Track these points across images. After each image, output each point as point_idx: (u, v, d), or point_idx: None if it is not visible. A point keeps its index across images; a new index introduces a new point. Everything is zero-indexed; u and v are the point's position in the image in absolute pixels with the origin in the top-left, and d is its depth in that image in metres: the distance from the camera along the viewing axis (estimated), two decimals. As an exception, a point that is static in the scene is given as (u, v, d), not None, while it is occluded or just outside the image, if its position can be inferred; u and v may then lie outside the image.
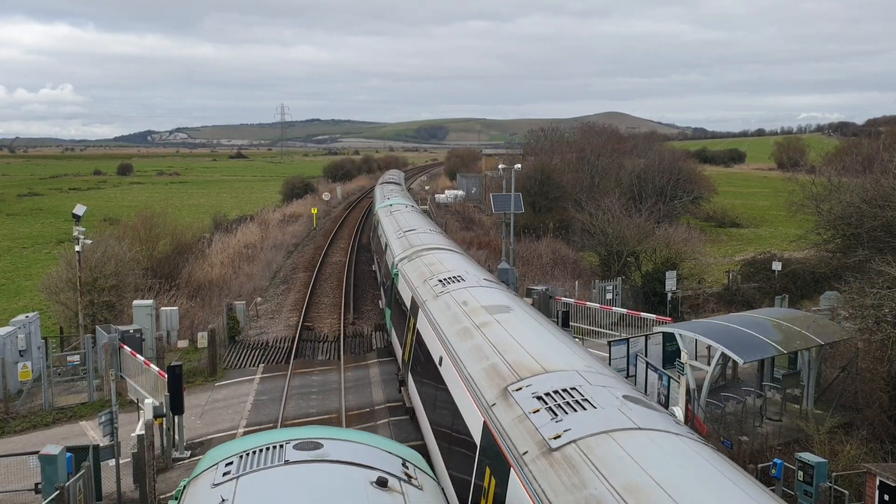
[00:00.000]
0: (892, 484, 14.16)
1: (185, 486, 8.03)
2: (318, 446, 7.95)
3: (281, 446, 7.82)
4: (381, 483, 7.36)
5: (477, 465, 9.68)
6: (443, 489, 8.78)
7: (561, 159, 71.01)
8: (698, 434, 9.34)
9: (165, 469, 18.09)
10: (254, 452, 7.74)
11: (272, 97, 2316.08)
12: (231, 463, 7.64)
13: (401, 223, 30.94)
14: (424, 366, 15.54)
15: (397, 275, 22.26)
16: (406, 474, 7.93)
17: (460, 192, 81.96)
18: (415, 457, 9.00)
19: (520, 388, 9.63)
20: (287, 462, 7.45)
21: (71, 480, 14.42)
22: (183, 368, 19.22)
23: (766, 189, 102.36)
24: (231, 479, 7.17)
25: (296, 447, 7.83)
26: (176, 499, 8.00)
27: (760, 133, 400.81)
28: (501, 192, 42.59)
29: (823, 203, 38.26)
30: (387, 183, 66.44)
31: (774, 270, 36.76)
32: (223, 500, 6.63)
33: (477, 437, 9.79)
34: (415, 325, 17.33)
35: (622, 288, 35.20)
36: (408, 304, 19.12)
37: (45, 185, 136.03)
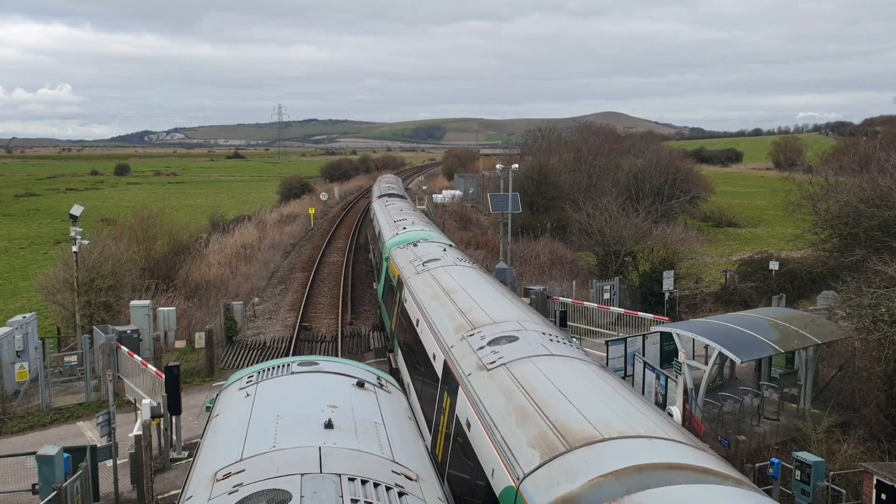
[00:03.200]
0: (890, 483, 14.18)
1: (218, 395, 10.85)
2: (314, 364, 10.74)
3: (288, 365, 10.64)
4: (360, 384, 9.96)
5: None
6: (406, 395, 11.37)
7: (558, 159, 71.01)
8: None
9: (163, 469, 18.07)
10: (268, 369, 10.57)
11: (270, 97, 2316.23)
12: (252, 376, 10.46)
13: (470, 311, 13.82)
14: None
15: None
16: (379, 382, 10.58)
17: (458, 193, 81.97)
18: (387, 376, 11.50)
19: None
20: (292, 373, 10.25)
21: (68, 481, 14.40)
22: (180, 369, 19.20)
23: (764, 189, 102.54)
24: (252, 384, 9.97)
25: (298, 364, 10.65)
26: (212, 402, 10.69)
27: (757, 133, 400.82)
28: (499, 192, 42.60)
29: (820, 203, 38.29)
30: (388, 196, 47.56)
31: (772, 270, 36.76)
32: (248, 395, 9.49)
33: None
34: None
35: (620, 288, 35.20)
36: None
37: (42, 185, 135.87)
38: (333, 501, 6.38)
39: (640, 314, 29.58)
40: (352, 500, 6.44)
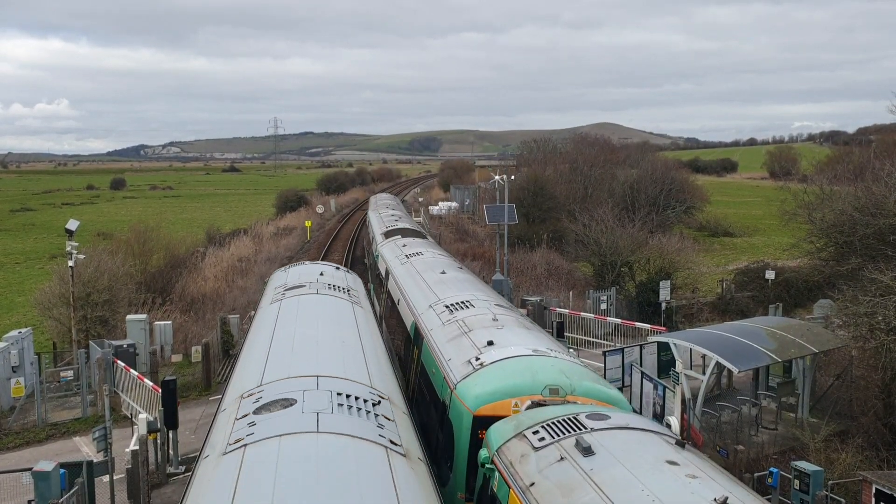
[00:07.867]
0: (889, 492, 14.16)
1: (272, 275, 21.31)
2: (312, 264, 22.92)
3: (303, 262, 21.96)
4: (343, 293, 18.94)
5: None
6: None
7: (554, 170, 71.19)
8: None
9: (160, 485, 17.98)
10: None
11: (265, 110, 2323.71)
12: (285, 265, 20.00)
13: None
14: None
15: None
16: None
17: (454, 204, 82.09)
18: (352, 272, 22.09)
19: None
20: (304, 264, 21.57)
21: (64, 497, 14.31)
22: (177, 383, 19.14)
23: (759, 198, 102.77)
24: (286, 268, 20.45)
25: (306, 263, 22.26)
26: (267, 280, 21.06)
27: (752, 142, 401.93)
28: (495, 203, 42.69)
29: (816, 211, 38.39)
30: (402, 234, 31.35)
31: (768, 279, 36.83)
32: (286, 271, 20.64)
33: None
34: None
35: (616, 298, 35.24)
36: None
37: (38, 200, 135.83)
38: (323, 287, 16.60)
39: (637, 324, 29.58)
40: (329, 289, 17.10)
